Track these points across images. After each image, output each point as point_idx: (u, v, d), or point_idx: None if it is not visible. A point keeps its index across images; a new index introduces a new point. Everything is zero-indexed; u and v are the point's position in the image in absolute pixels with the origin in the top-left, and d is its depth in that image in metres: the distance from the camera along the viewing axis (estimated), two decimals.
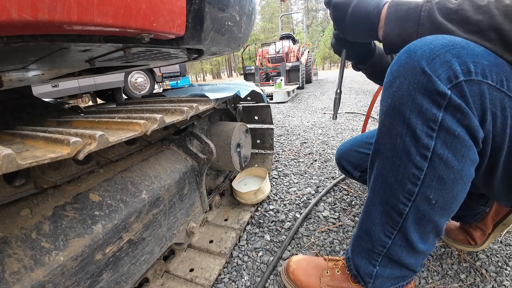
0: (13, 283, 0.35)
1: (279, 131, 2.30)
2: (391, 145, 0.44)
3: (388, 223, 0.49)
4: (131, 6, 0.37)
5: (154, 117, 0.48)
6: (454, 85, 0.37)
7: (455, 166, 0.41)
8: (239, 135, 0.97)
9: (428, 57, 0.38)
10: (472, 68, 0.37)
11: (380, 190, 0.49)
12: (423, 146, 0.41)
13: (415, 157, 0.42)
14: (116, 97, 4.78)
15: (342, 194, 1.14)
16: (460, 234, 0.78)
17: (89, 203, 0.48)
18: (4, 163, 0.27)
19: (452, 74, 0.37)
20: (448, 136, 0.39)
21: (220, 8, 0.58)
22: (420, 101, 0.39)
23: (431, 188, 0.43)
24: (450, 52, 0.38)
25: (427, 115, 0.39)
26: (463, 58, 0.37)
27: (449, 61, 0.37)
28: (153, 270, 0.67)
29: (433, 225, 0.47)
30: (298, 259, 0.68)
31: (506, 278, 0.68)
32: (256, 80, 6.04)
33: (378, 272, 0.54)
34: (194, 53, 0.68)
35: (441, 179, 0.42)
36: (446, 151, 0.40)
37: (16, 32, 0.31)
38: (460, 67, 0.37)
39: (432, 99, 0.39)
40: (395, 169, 0.45)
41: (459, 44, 0.38)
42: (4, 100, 0.81)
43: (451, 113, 0.38)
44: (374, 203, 0.51)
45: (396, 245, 0.50)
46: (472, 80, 0.37)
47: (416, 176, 0.43)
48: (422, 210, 0.45)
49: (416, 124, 0.40)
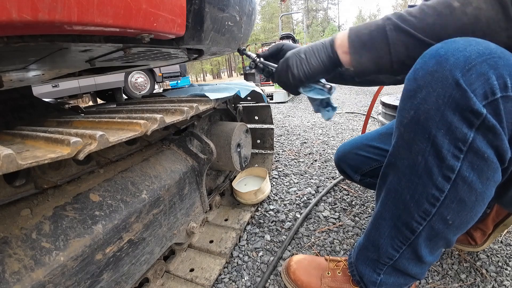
0: (13, 283, 0.35)
1: (279, 131, 2.30)
2: (410, 161, 0.41)
3: (398, 238, 0.47)
4: (131, 6, 0.37)
5: (154, 117, 0.48)
6: (490, 102, 0.33)
7: (479, 189, 0.38)
8: (239, 135, 0.97)
9: (463, 67, 0.34)
10: (509, 83, 0.33)
11: (392, 206, 0.47)
12: (447, 167, 0.38)
13: (437, 177, 0.39)
14: (116, 97, 4.78)
15: (342, 194, 1.14)
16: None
17: (89, 203, 0.48)
18: (5, 163, 0.27)
19: (489, 90, 0.33)
20: (476, 158, 0.36)
21: (220, 8, 0.58)
22: (451, 118, 0.35)
23: (449, 209, 0.41)
24: (487, 62, 0.33)
25: (457, 134, 0.35)
26: (500, 70, 0.33)
27: (486, 74, 0.33)
28: (153, 270, 0.67)
29: (445, 241, 0.45)
30: (299, 259, 0.68)
31: (507, 278, 0.68)
32: (256, 80, 6.03)
33: (382, 280, 0.53)
34: (194, 53, 0.68)
35: (462, 201, 0.39)
36: (472, 174, 0.37)
37: (16, 32, 0.31)
38: (497, 81, 0.33)
39: (464, 116, 0.34)
40: (413, 187, 0.42)
41: (495, 53, 0.34)
42: (5, 100, 0.81)
43: (483, 134, 0.35)
44: (384, 218, 0.49)
45: (404, 258, 0.49)
46: (508, 97, 0.33)
47: (435, 197, 0.40)
48: (436, 229, 0.43)
49: (443, 143, 0.36)
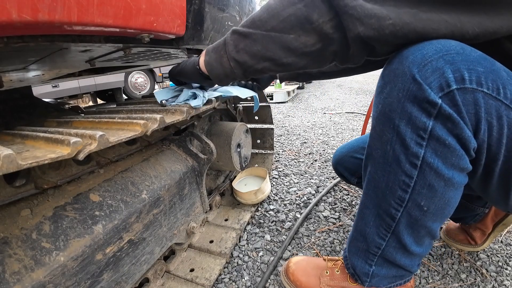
0: (13, 283, 0.35)
1: (279, 131, 2.30)
2: (382, 151, 0.44)
3: (382, 226, 0.49)
4: (131, 6, 0.37)
5: (154, 117, 0.49)
6: (446, 93, 0.36)
7: (445, 174, 0.40)
8: (239, 135, 0.97)
9: (420, 64, 0.37)
10: (467, 76, 0.36)
11: (373, 194, 0.49)
12: (412, 154, 0.41)
13: (405, 165, 0.42)
14: (116, 97, 4.77)
15: (342, 194, 1.14)
16: (460, 234, 0.78)
17: (89, 203, 0.48)
18: (5, 164, 0.27)
19: (444, 82, 0.36)
20: (438, 145, 0.39)
21: (220, 8, 0.58)
22: (410, 109, 0.39)
23: (421, 195, 0.43)
24: (443, 58, 0.36)
25: (417, 124, 0.39)
26: (457, 64, 0.36)
27: (441, 68, 0.36)
28: (154, 270, 0.67)
29: (426, 229, 0.47)
30: (298, 260, 0.68)
31: (507, 277, 0.68)
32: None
33: (374, 272, 0.54)
34: (194, 53, 0.68)
35: (431, 187, 0.42)
36: (436, 160, 0.40)
37: (16, 33, 0.31)
38: (453, 75, 0.36)
39: (422, 107, 0.38)
40: (386, 175, 0.45)
41: (453, 50, 0.37)
42: (5, 100, 0.81)
43: (442, 122, 0.37)
44: (368, 206, 0.51)
45: (390, 247, 0.50)
46: (466, 88, 0.36)
47: (406, 184, 0.43)
48: (414, 216, 0.45)
49: (406, 132, 0.40)
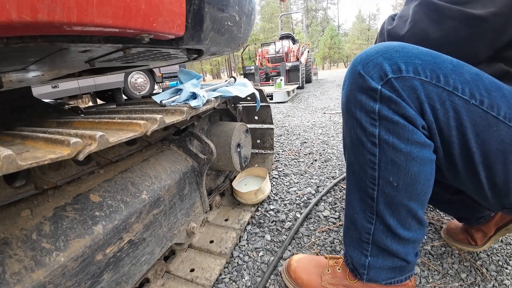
0: (13, 284, 0.35)
1: (279, 131, 2.30)
2: (350, 137, 0.51)
3: (367, 209, 0.53)
4: (130, 6, 0.37)
5: (154, 117, 0.49)
6: (385, 82, 0.44)
7: (403, 149, 0.45)
8: (239, 135, 0.97)
9: (364, 62, 0.46)
10: (403, 67, 0.43)
11: (353, 179, 0.54)
12: (370, 134, 0.47)
13: (367, 144, 0.48)
14: (116, 97, 4.77)
15: (342, 193, 1.14)
16: (461, 233, 0.78)
17: (89, 203, 0.48)
18: (5, 164, 0.27)
19: (383, 73, 0.44)
20: (388, 123, 0.45)
21: (219, 8, 0.58)
22: (360, 97, 0.47)
23: (388, 171, 0.47)
24: (382, 56, 0.45)
25: (367, 108, 0.46)
26: (394, 59, 0.44)
27: (380, 63, 0.44)
28: (154, 271, 0.67)
29: (405, 209, 0.49)
30: (299, 258, 0.68)
31: (507, 277, 0.68)
32: (256, 80, 6.03)
33: (370, 263, 0.55)
34: (193, 53, 0.68)
35: (393, 162, 0.47)
36: (391, 136, 0.45)
37: (16, 33, 0.31)
38: (391, 67, 0.43)
39: (368, 94, 0.46)
40: (357, 157, 0.51)
41: (392, 48, 0.45)
42: (4, 101, 0.81)
43: (386, 104, 0.44)
44: (351, 192, 0.55)
45: (378, 231, 0.52)
46: (403, 77, 0.43)
47: (372, 162, 0.48)
48: (388, 193, 0.49)
49: (361, 116, 0.47)
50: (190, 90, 0.68)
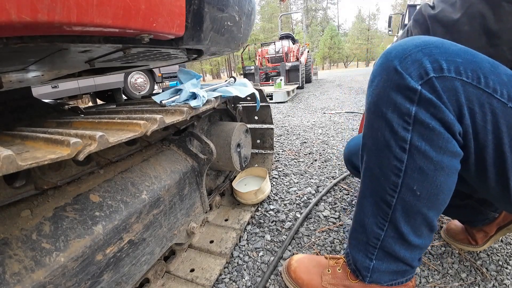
0: (13, 284, 0.35)
1: (279, 131, 2.30)
2: (374, 139, 0.47)
3: (379, 215, 0.50)
4: (130, 6, 0.37)
5: (154, 117, 0.49)
6: (425, 81, 0.39)
7: (434, 157, 0.42)
8: (239, 135, 0.97)
9: (401, 57, 0.41)
10: (445, 66, 0.39)
11: (369, 183, 0.51)
12: (401, 138, 0.43)
13: (395, 149, 0.44)
14: (116, 97, 4.77)
15: (342, 193, 1.14)
16: (461, 233, 0.78)
17: (89, 203, 0.48)
18: (5, 164, 0.27)
19: (423, 71, 0.39)
20: (423, 129, 0.41)
21: (219, 8, 0.58)
22: (394, 97, 0.42)
23: (413, 179, 0.44)
24: (422, 51, 0.40)
25: (402, 110, 0.42)
26: (435, 56, 0.39)
27: (419, 60, 0.40)
28: (154, 271, 0.67)
29: (422, 217, 0.47)
30: (299, 258, 0.68)
31: (507, 277, 0.68)
32: (255, 80, 6.04)
33: (375, 266, 0.54)
34: (193, 53, 0.68)
35: (421, 170, 0.43)
36: (423, 143, 0.42)
37: (15, 33, 0.31)
38: (432, 65, 0.39)
39: (405, 94, 0.41)
40: (379, 161, 0.47)
41: (432, 44, 0.40)
42: (4, 101, 0.81)
43: (424, 107, 0.40)
44: (365, 195, 0.52)
45: (389, 237, 0.51)
46: (445, 77, 0.39)
47: (398, 168, 0.45)
48: (408, 202, 0.46)
49: (393, 118, 0.43)
50: (190, 90, 0.68)
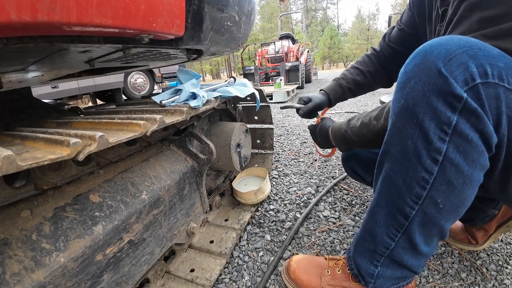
0: (13, 284, 0.35)
1: (279, 131, 2.30)
2: (401, 147, 0.43)
3: (393, 226, 0.49)
4: (130, 6, 0.37)
5: (154, 117, 0.49)
6: (471, 87, 0.36)
7: (465, 171, 0.40)
8: (239, 135, 0.97)
9: (445, 58, 0.37)
10: (489, 71, 0.36)
11: (387, 192, 0.48)
12: (434, 149, 0.40)
13: (426, 160, 0.41)
14: (116, 98, 4.77)
15: (342, 193, 1.14)
16: (461, 233, 0.78)
17: (89, 204, 0.48)
18: (4, 164, 0.27)
19: (469, 76, 0.36)
20: (461, 141, 0.38)
21: (219, 8, 0.58)
22: (435, 103, 0.38)
23: (439, 192, 0.42)
24: (467, 53, 0.37)
25: (441, 118, 0.38)
26: (480, 59, 0.36)
27: (465, 63, 0.36)
28: (154, 271, 0.67)
29: (438, 228, 0.46)
30: (299, 259, 0.68)
31: (507, 276, 0.68)
32: (255, 80, 6.04)
33: (379, 273, 0.54)
34: (193, 53, 0.68)
35: (450, 183, 0.41)
36: (458, 156, 0.39)
37: (15, 34, 0.31)
38: (477, 69, 0.36)
39: (448, 101, 0.37)
40: (404, 171, 0.44)
41: (475, 45, 0.37)
42: (4, 101, 0.81)
43: (466, 117, 0.37)
44: (380, 205, 0.50)
45: (399, 247, 0.50)
46: (489, 83, 0.36)
47: (425, 180, 0.42)
48: (428, 214, 0.44)
49: (430, 126, 0.39)
50: (189, 90, 0.68)
